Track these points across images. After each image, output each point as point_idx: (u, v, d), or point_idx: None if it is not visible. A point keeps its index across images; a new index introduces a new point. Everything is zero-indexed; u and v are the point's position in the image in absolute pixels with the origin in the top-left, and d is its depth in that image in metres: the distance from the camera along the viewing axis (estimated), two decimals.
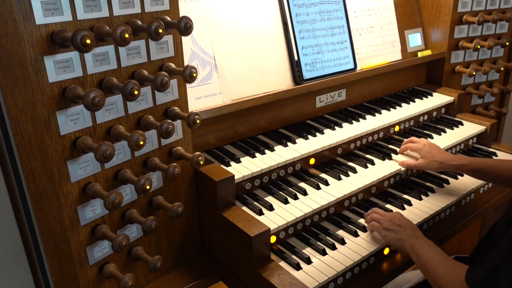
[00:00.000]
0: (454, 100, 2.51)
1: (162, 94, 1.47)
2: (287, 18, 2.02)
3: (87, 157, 1.30)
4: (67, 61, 1.19)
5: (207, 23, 1.80)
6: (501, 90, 2.80)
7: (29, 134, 1.16)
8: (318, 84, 2.08)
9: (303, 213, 1.65)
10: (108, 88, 1.28)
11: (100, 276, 1.42)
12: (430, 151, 1.93)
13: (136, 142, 1.23)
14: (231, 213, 1.58)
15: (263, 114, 1.99)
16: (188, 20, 1.31)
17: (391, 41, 2.48)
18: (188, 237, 1.72)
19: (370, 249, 1.63)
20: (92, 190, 1.30)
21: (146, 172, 1.48)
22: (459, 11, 2.52)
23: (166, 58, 1.45)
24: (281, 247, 1.64)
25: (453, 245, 2.74)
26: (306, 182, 1.84)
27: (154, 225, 1.38)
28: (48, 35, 1.14)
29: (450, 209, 1.96)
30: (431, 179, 2.07)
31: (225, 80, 1.83)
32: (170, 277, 1.65)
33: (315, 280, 1.48)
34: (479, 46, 2.55)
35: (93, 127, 1.30)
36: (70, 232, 1.30)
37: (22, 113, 1.13)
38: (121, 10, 1.28)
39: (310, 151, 1.89)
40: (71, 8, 1.17)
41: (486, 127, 2.38)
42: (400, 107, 2.37)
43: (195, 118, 1.43)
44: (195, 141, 1.76)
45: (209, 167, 1.64)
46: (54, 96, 1.19)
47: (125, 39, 1.15)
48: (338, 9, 2.20)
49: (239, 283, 1.61)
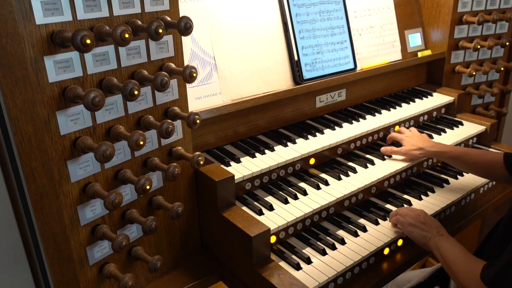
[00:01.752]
0: (454, 100, 2.51)
1: (162, 94, 1.47)
2: (287, 18, 2.02)
3: (87, 157, 1.30)
4: (67, 61, 1.19)
5: (207, 23, 1.80)
6: (501, 90, 2.80)
7: (29, 134, 1.16)
8: (318, 84, 2.08)
9: (303, 213, 1.65)
10: (108, 88, 1.28)
11: (100, 276, 1.42)
12: (410, 139, 2.02)
13: (136, 142, 1.23)
14: (231, 213, 1.58)
15: (263, 114, 1.99)
16: (188, 20, 1.31)
17: (391, 41, 2.48)
18: (188, 237, 1.72)
19: (370, 249, 1.63)
20: (92, 190, 1.30)
21: (146, 172, 1.48)
22: (459, 11, 2.52)
23: (166, 58, 1.45)
24: (281, 247, 1.64)
25: None
26: (306, 182, 1.84)
27: (154, 225, 1.38)
28: (48, 35, 1.14)
29: (450, 209, 1.96)
30: (431, 179, 2.07)
31: (225, 80, 1.83)
32: (170, 277, 1.65)
33: (315, 280, 1.48)
34: (479, 46, 2.55)
35: (93, 127, 1.30)
36: (70, 232, 1.30)
37: (22, 113, 1.13)
38: (121, 10, 1.28)
39: (310, 151, 1.89)
40: (71, 8, 1.17)
41: (486, 127, 2.38)
42: (400, 107, 2.37)
43: (195, 118, 1.43)
44: (195, 141, 1.76)
45: (209, 167, 1.64)
46: (54, 96, 1.19)
47: (125, 39, 1.15)
48: (338, 9, 2.20)
49: (239, 283, 1.61)
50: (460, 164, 1.93)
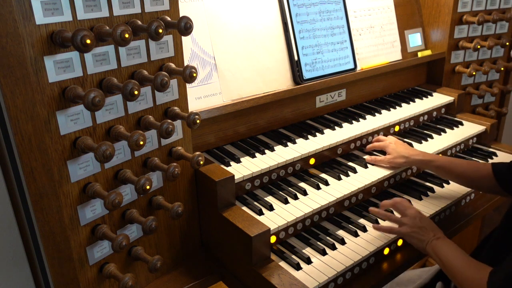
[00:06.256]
0: (454, 100, 2.51)
1: (162, 94, 1.47)
2: (287, 18, 2.02)
3: (87, 157, 1.30)
4: (67, 61, 1.19)
5: (207, 23, 1.80)
6: (501, 90, 2.80)
7: (29, 134, 1.16)
8: (318, 84, 2.08)
9: (303, 213, 1.65)
10: (108, 88, 1.28)
11: (100, 276, 1.42)
12: (395, 147, 1.98)
13: (136, 142, 1.23)
14: (231, 213, 1.58)
15: (263, 114, 1.99)
16: (188, 20, 1.31)
17: (391, 41, 2.48)
18: (188, 237, 1.72)
19: (370, 249, 1.63)
20: (92, 190, 1.30)
21: (146, 172, 1.48)
22: (459, 11, 2.52)
23: (166, 58, 1.45)
24: (281, 247, 1.64)
25: None
26: (306, 182, 1.84)
27: (154, 225, 1.38)
28: (48, 35, 1.14)
29: (450, 209, 1.96)
30: (431, 179, 2.07)
31: (225, 80, 1.83)
32: (170, 277, 1.65)
33: (315, 280, 1.48)
34: (479, 46, 2.55)
35: (93, 127, 1.30)
36: (70, 232, 1.30)
37: (22, 113, 1.13)
38: (121, 10, 1.28)
39: (310, 151, 1.89)
40: (71, 8, 1.17)
41: (486, 127, 2.38)
42: (400, 107, 2.37)
43: (195, 118, 1.43)
44: (195, 141, 1.76)
45: (209, 167, 1.64)
46: (54, 96, 1.19)
47: (125, 39, 1.15)
48: (338, 9, 2.20)
49: (239, 283, 1.61)
50: (445, 174, 1.89)
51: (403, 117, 2.26)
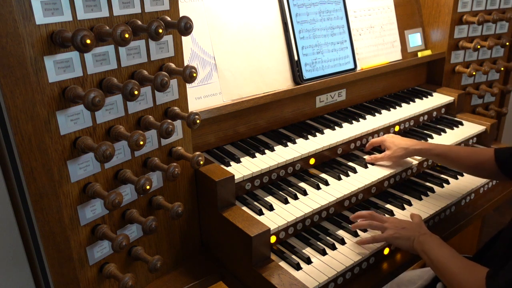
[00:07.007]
0: (454, 100, 2.51)
1: (162, 94, 1.47)
2: (287, 18, 2.02)
3: (87, 157, 1.30)
4: (67, 61, 1.19)
5: (207, 23, 1.80)
6: (501, 90, 2.80)
7: (29, 134, 1.16)
8: (318, 84, 2.08)
9: (303, 213, 1.65)
10: (108, 88, 1.28)
11: (100, 276, 1.42)
12: (393, 141, 1.98)
13: (136, 142, 1.23)
14: (231, 213, 1.58)
15: (263, 114, 1.99)
16: (188, 20, 1.31)
17: (391, 41, 2.48)
18: (188, 237, 1.72)
19: (370, 249, 1.63)
20: (92, 190, 1.30)
21: (146, 172, 1.48)
22: (459, 11, 2.52)
23: (166, 58, 1.45)
24: (281, 247, 1.64)
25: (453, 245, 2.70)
26: (306, 182, 1.84)
27: (154, 225, 1.38)
28: (48, 35, 1.14)
29: (450, 209, 1.96)
30: (431, 179, 2.07)
31: (225, 80, 1.83)
32: (170, 277, 1.65)
33: (315, 280, 1.48)
34: (479, 46, 2.55)
35: (93, 127, 1.30)
36: (70, 232, 1.30)
37: (22, 113, 1.13)
38: (121, 10, 1.28)
39: (310, 151, 1.89)
40: (71, 8, 1.17)
41: (486, 127, 2.38)
42: (400, 107, 2.37)
43: (195, 118, 1.43)
44: (195, 141, 1.76)
45: (209, 167, 1.64)
46: (54, 96, 1.19)
47: (125, 39, 1.15)
48: (338, 9, 2.20)
49: (239, 283, 1.61)
50: (445, 161, 1.90)
51: (403, 117, 2.26)
